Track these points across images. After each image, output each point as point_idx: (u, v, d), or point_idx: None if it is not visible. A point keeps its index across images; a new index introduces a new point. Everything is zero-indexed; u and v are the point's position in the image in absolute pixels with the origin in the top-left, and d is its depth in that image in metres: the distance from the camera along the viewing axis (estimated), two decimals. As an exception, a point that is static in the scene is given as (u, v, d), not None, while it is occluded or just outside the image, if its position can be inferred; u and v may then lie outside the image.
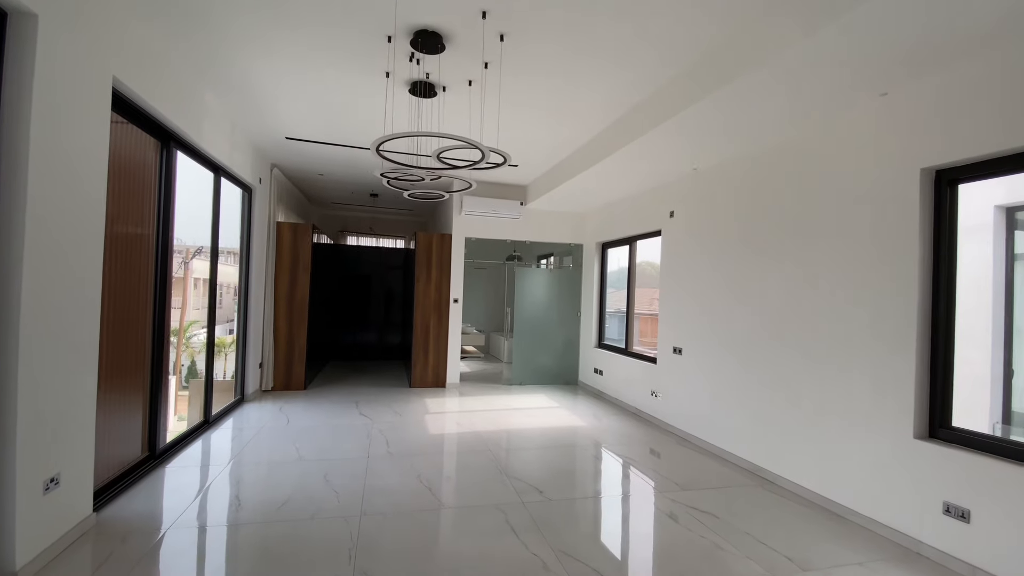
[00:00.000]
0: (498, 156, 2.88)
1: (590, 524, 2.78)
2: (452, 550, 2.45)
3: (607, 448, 4.15)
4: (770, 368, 3.57)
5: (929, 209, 2.65)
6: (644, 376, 5.30)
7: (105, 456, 2.88)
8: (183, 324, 8.62)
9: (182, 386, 6.73)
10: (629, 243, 5.94)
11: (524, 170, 5.82)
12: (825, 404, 3.13)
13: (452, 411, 5.21)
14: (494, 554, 2.41)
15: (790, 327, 3.41)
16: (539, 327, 6.78)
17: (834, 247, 3.10)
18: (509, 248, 8.55)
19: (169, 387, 3.69)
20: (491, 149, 2.82)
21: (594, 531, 2.71)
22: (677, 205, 4.84)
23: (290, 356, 5.88)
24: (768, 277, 3.63)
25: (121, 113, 2.88)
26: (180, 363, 8.58)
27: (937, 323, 2.61)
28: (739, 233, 3.93)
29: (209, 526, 2.59)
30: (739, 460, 3.80)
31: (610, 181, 5.02)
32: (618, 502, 3.11)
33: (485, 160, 2.77)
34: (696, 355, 4.47)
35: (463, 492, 3.16)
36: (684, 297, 4.66)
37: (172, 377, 6.03)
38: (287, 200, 6.63)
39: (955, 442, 2.50)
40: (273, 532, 2.55)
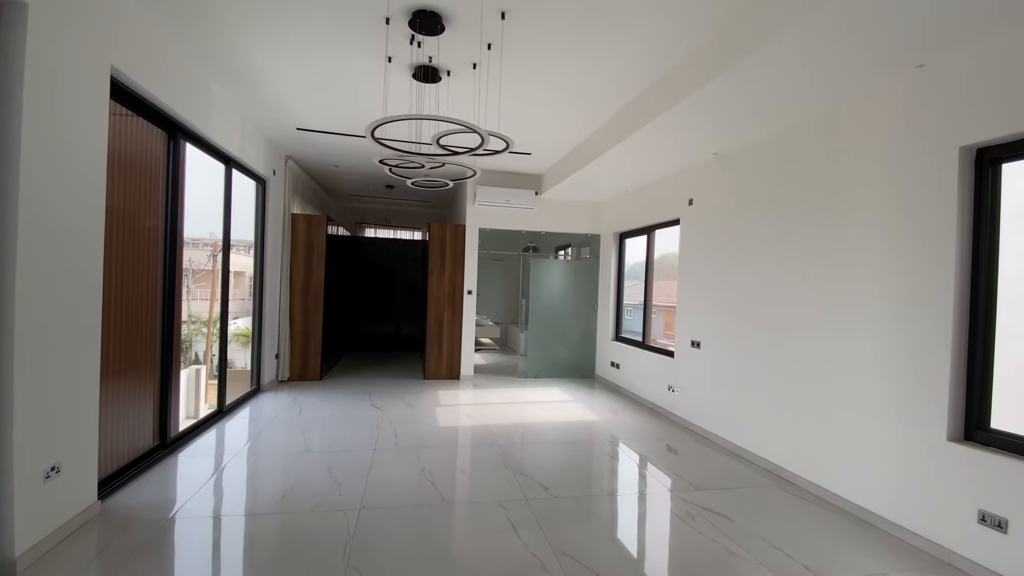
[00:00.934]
0: (499, 141, 2.77)
1: (595, 524, 2.68)
2: (449, 547, 2.38)
3: (620, 444, 4.02)
4: (793, 363, 3.37)
5: (969, 191, 2.42)
6: (661, 370, 5.13)
7: (114, 445, 2.93)
8: (212, 315, 8.85)
9: (212, 375, 6.91)
10: (647, 233, 5.74)
11: (538, 158, 5.68)
12: (852, 402, 2.93)
13: (464, 403, 5.16)
14: (491, 552, 2.33)
15: (815, 320, 3.21)
16: (555, 319, 6.66)
17: (864, 234, 2.88)
18: (526, 239, 8.43)
19: (180, 377, 3.73)
20: (491, 133, 2.71)
21: (598, 531, 2.60)
22: (696, 193, 4.63)
23: (306, 347, 5.93)
24: (792, 267, 3.42)
25: (123, 103, 2.88)
26: (210, 353, 8.83)
27: (976, 315, 2.39)
28: (762, 221, 3.72)
29: (208, 516, 2.59)
30: (759, 459, 3.63)
31: (626, 168, 4.85)
32: (627, 501, 2.99)
33: (484, 145, 2.66)
34: (715, 349, 4.28)
35: (466, 487, 3.09)
36: (703, 288, 4.47)
37: (202, 367, 6.22)
38: (303, 192, 6.67)
39: (993, 445, 2.29)
40: (270, 524, 2.53)
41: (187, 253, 3.81)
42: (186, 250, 3.78)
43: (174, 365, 3.55)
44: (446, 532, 2.53)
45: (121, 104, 2.86)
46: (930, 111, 2.56)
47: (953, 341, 2.41)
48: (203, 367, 6.65)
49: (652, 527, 2.71)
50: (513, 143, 2.85)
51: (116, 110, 2.87)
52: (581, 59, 3.18)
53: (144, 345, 3.25)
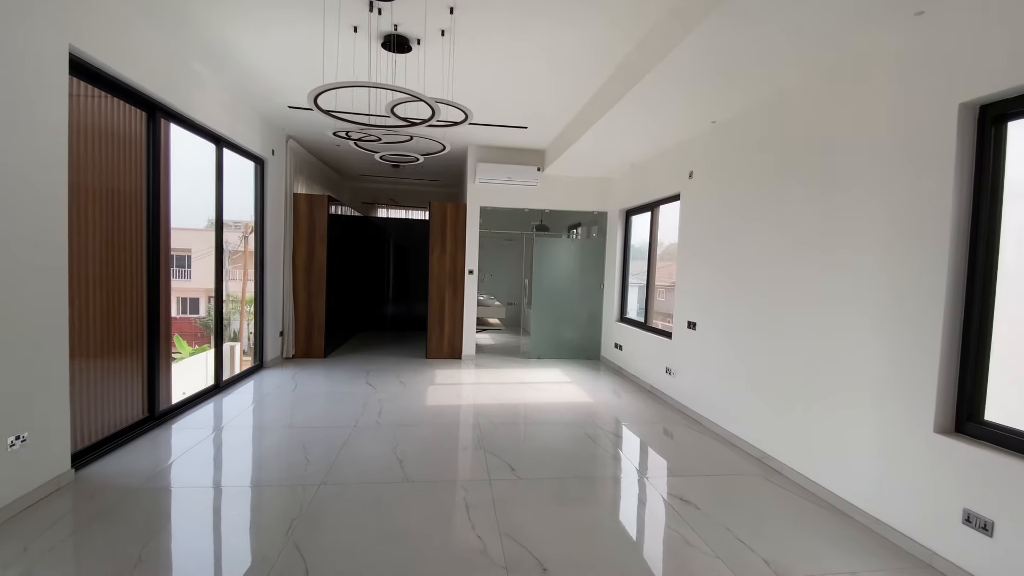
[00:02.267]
0: (458, 112, 2.64)
1: (552, 508, 2.60)
2: (395, 527, 2.35)
3: (605, 427, 3.91)
4: (783, 345, 3.15)
5: (969, 153, 2.14)
6: (660, 352, 4.95)
7: (97, 417, 3.05)
8: (244, 295, 9.16)
9: (244, 352, 7.19)
10: (651, 209, 5.49)
11: (536, 132, 5.49)
12: (839, 388, 2.71)
13: (459, 383, 5.14)
14: (436, 533, 2.29)
15: (805, 298, 2.97)
16: (560, 299, 6.52)
17: (858, 205, 2.62)
18: (536, 218, 8.25)
19: (169, 353, 3.84)
20: (441, 102, 2.58)
21: (553, 516, 2.52)
22: (696, 165, 4.36)
23: (310, 325, 6.04)
24: (784, 242, 3.17)
25: (94, 84, 2.91)
26: (244, 330, 9.19)
27: (972, 292, 2.13)
28: (758, 192, 3.45)
29: (172, 488, 2.66)
30: (747, 446, 3.44)
31: (622, 140, 4.61)
32: (595, 486, 2.89)
33: (437, 116, 2.54)
34: (709, 330, 4.07)
35: (433, 466, 3.06)
36: (701, 266, 4.24)
37: (236, 344, 6.46)
38: (309, 172, 6.71)
39: (986, 439, 2.06)
40: (227, 496, 2.58)
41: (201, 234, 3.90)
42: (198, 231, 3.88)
43: (162, 341, 3.66)
44: (397, 511, 2.51)
45: (91, 84, 2.89)
46: (929, 64, 2.26)
47: (944, 322, 2.16)
48: (237, 344, 6.94)
49: (611, 514, 2.60)
50: (471, 114, 2.72)
51: (88, 91, 2.92)
52: (555, 20, 2.99)
53: (128, 322, 3.35)
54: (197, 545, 2.16)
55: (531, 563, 2.09)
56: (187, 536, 2.23)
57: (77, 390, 2.85)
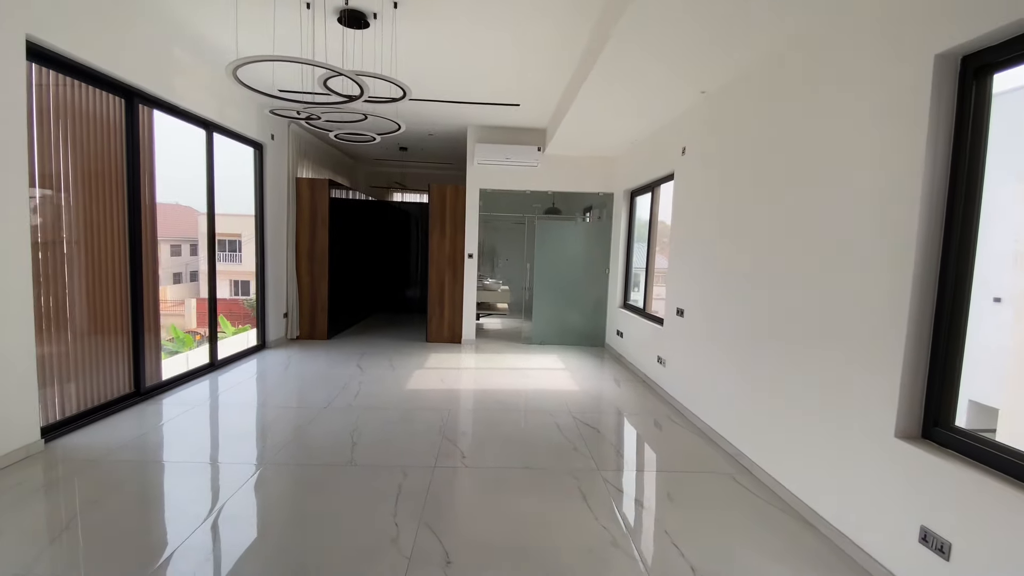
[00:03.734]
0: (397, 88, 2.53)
1: (489, 499, 2.50)
2: (316, 511, 2.33)
3: (580, 417, 3.75)
4: (760, 334, 2.88)
5: (947, 111, 1.81)
6: (653, 340, 4.70)
7: (80, 390, 3.22)
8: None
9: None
10: (652, 189, 5.19)
11: (532, 111, 5.27)
12: (805, 379, 2.44)
13: (448, 367, 5.10)
14: (353, 518, 2.25)
15: (780, 283, 2.69)
16: (563, 284, 6.33)
17: (833, 177, 2.32)
18: (547, 200, 8.03)
19: (158, 332, 3.99)
20: (366, 75, 2.48)
21: (482, 507, 2.43)
22: (690, 140, 4.05)
23: (313, 307, 6.17)
24: (764, 220, 2.88)
25: (64, 72, 3.00)
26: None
27: (946, 275, 1.83)
28: (746, 166, 3.14)
29: (126, 461, 2.75)
30: (724, 443, 3.20)
31: (607, 117, 4.35)
32: (544, 478, 2.77)
33: (366, 94, 2.45)
34: (695, 317, 3.80)
35: (383, 450, 3.03)
36: (691, 249, 3.96)
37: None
38: (316, 156, 6.80)
39: (953, 448, 1.78)
40: (171, 472, 2.65)
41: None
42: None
43: (146, 321, 3.80)
44: (324, 495, 2.49)
45: (62, 73, 2.98)
46: (906, 14, 1.93)
47: (912, 310, 1.87)
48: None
49: (548, 508, 2.47)
50: (410, 90, 2.60)
51: (64, 80, 3.02)
52: (506, -13, 2.80)
53: (110, 302, 3.50)
54: (125, 522, 2.22)
55: (438, 555, 2.01)
56: (116, 510, 2.30)
57: (56, 365, 3.01)
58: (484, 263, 8.49)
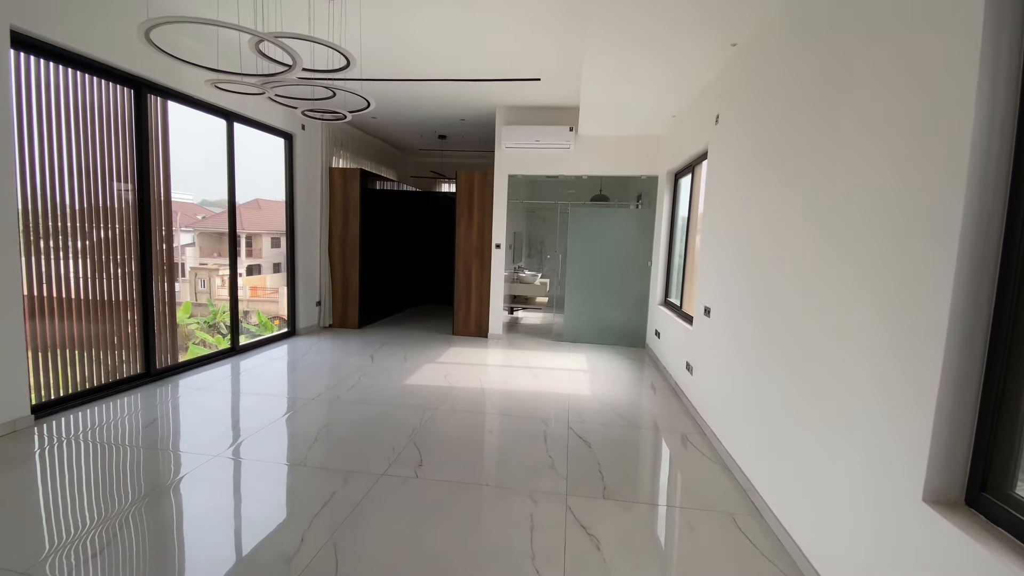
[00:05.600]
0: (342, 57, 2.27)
1: (418, 520, 2.19)
2: (228, 514, 2.17)
3: (579, 428, 3.30)
4: (779, 343, 2.27)
5: (1015, 45, 1.18)
6: (683, 342, 4.08)
7: (86, 370, 3.39)
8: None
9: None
10: (692, 169, 4.51)
11: (559, 84, 4.80)
12: (826, 410, 1.84)
13: (459, 362, 4.84)
14: (258, 526, 2.05)
15: (805, 282, 2.08)
16: (599, 277, 5.80)
17: (867, 146, 1.70)
18: (583, 187, 7.45)
19: (174, 316, 4.13)
20: (327, 44, 2.22)
21: (411, 529, 2.12)
22: (724, 105, 3.40)
23: (345, 296, 6.22)
24: (799, 203, 2.26)
25: (63, 63, 3.12)
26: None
27: (1007, 283, 1.20)
28: (785, 135, 2.50)
29: (98, 442, 2.80)
30: (739, 473, 2.61)
31: (629, 79, 3.78)
32: (494, 499, 2.39)
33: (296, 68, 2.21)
34: (719, 319, 3.19)
35: (341, 450, 2.83)
36: (722, 238, 3.32)
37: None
38: (355, 146, 6.83)
39: (1008, 526, 1.17)
40: (135, 458, 2.63)
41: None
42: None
43: (157, 306, 3.94)
44: (252, 499, 2.32)
45: (62, 64, 3.10)
46: None
47: (954, 316, 1.26)
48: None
49: (479, 537, 2.10)
50: (354, 59, 2.33)
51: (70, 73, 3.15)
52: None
53: (119, 287, 3.65)
54: (62, 501, 2.20)
55: (325, 584, 1.74)
56: (63, 487, 2.29)
57: (54, 347, 3.17)
58: (520, 254, 8.10)
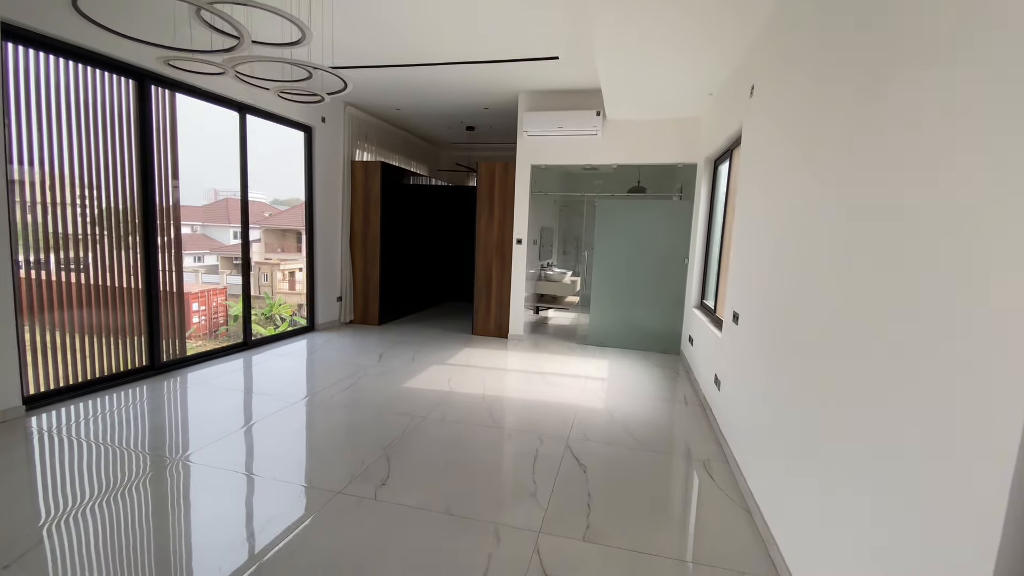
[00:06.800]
0: (297, 29, 2.02)
1: (356, 547, 1.90)
2: (164, 527, 1.98)
3: (577, 447, 2.90)
4: (821, 371, 1.78)
5: None
6: (713, 351, 3.56)
7: (88, 362, 3.41)
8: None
9: None
10: (730, 154, 3.94)
11: (580, 63, 4.37)
12: (872, 460, 1.36)
13: (469, 365, 4.54)
14: (170, 553, 1.84)
15: (863, 297, 1.59)
16: (629, 275, 5.30)
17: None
18: (631, 178, 6.91)
19: (182, 310, 4.12)
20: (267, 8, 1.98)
21: (339, 565, 1.83)
22: (759, 76, 2.86)
23: (366, 292, 6.10)
24: (840, 193, 1.76)
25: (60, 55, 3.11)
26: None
27: None
28: (832, 108, 1.99)
29: (75, 439, 2.74)
30: (759, 518, 2.13)
31: (646, 45, 3.30)
32: (451, 532, 2.06)
33: (247, 40, 1.99)
34: (749, 328, 2.67)
35: (305, 463, 2.61)
36: (752, 233, 2.80)
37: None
38: (382, 140, 6.70)
39: None
40: (101, 455, 2.53)
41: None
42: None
43: (163, 300, 3.93)
44: (195, 510, 2.13)
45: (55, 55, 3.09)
46: None
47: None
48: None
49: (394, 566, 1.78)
50: (309, 32, 2.07)
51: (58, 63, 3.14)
52: None
53: (122, 281, 3.64)
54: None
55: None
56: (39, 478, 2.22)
57: (51, 340, 3.18)
58: (551, 251, 7.66)
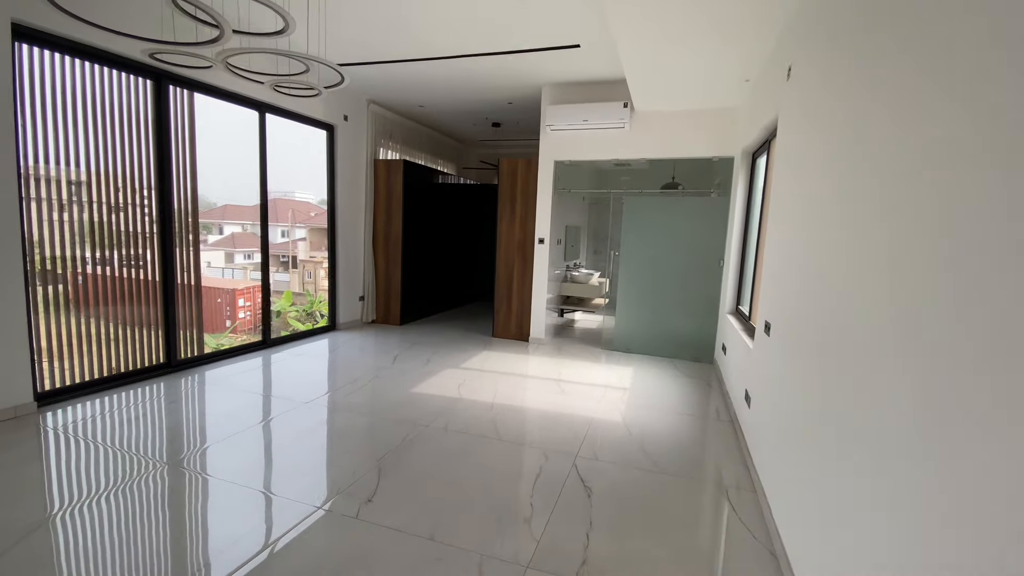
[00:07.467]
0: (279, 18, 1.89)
1: (322, 572, 1.75)
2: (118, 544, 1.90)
3: (586, 466, 2.66)
4: (853, 403, 1.49)
5: None
6: (744, 363, 3.22)
7: (109, 358, 3.47)
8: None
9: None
10: (767, 146, 3.57)
11: (604, 52, 4.09)
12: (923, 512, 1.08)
13: (486, 370, 4.35)
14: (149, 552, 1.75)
15: (923, 310, 1.29)
16: (659, 277, 4.97)
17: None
18: (664, 174, 6.53)
19: (199, 308, 4.14)
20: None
21: None
22: (797, 54, 2.52)
23: (388, 292, 6.03)
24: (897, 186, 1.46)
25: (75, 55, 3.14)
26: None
27: None
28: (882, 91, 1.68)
29: (72, 436, 2.75)
30: (787, 567, 1.83)
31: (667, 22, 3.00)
32: (431, 556, 1.88)
33: (227, 32, 1.87)
34: (781, 340, 2.35)
35: (294, 473, 2.48)
36: (789, 231, 2.47)
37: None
38: (408, 139, 6.62)
39: None
40: (93, 457, 2.52)
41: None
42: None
43: (180, 298, 3.95)
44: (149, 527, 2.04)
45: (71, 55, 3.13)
46: None
47: None
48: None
49: None
50: (293, 22, 1.93)
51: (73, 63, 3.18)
52: None
53: (139, 280, 3.68)
54: None
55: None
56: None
57: (66, 336, 3.23)
58: (578, 251, 7.35)
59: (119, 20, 3.01)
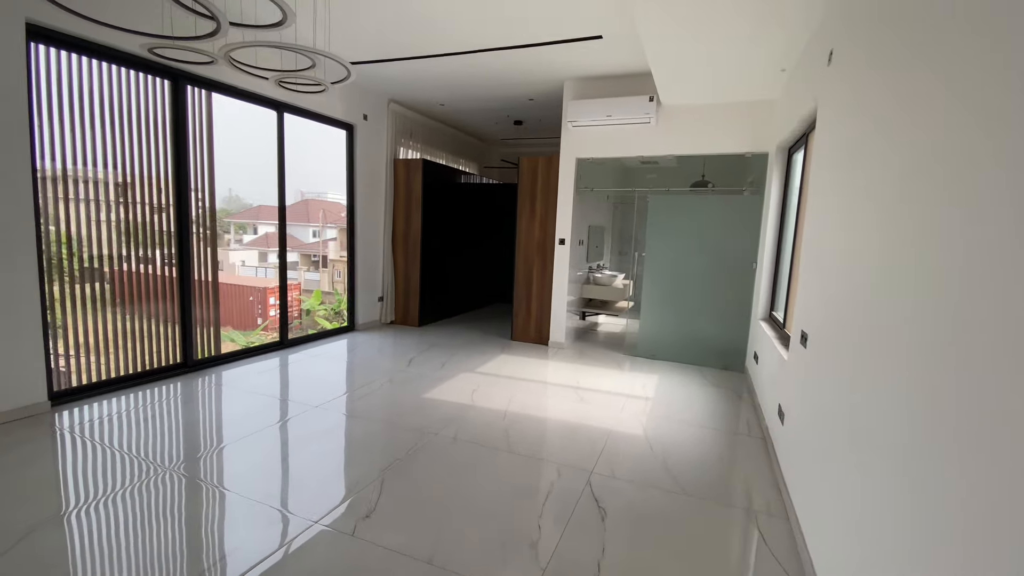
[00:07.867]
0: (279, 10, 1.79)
1: None
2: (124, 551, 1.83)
3: (602, 484, 2.47)
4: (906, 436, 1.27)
5: None
6: (777, 375, 2.97)
7: (126, 357, 3.48)
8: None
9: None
10: (805, 140, 3.30)
11: (628, 43, 3.88)
12: None
13: (502, 375, 4.20)
14: None
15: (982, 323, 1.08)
16: (686, 280, 4.72)
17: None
18: (694, 172, 6.24)
19: (217, 308, 4.14)
20: None
21: None
22: (839, 40, 2.27)
23: (407, 293, 5.96)
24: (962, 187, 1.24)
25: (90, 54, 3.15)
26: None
27: None
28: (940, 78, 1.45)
29: (74, 435, 2.74)
30: (822, 610, 1.62)
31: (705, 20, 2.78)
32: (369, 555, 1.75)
33: (225, 25, 1.79)
34: (821, 353, 2.11)
35: (293, 482, 2.40)
36: (825, 235, 2.22)
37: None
38: (430, 138, 6.54)
39: None
40: (88, 455, 2.49)
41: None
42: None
43: (197, 299, 3.95)
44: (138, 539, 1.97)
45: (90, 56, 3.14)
46: None
47: None
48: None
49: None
50: (293, 13, 1.84)
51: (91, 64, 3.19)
52: None
53: (155, 280, 3.69)
54: None
55: None
56: None
57: (83, 337, 3.25)
58: (602, 252, 7.12)
59: (118, 16, 2.98)
